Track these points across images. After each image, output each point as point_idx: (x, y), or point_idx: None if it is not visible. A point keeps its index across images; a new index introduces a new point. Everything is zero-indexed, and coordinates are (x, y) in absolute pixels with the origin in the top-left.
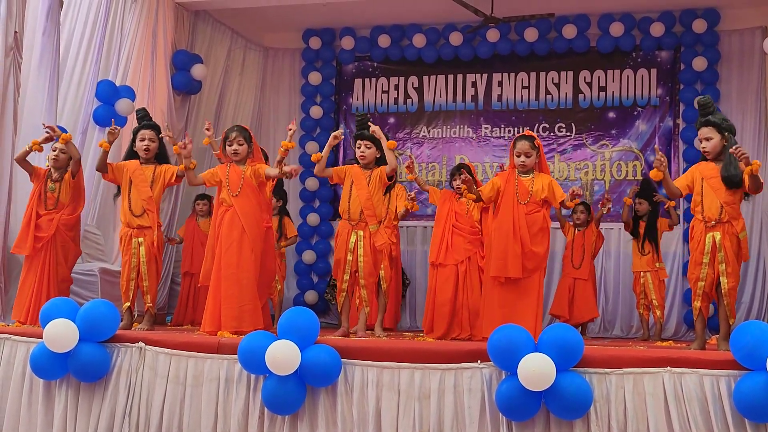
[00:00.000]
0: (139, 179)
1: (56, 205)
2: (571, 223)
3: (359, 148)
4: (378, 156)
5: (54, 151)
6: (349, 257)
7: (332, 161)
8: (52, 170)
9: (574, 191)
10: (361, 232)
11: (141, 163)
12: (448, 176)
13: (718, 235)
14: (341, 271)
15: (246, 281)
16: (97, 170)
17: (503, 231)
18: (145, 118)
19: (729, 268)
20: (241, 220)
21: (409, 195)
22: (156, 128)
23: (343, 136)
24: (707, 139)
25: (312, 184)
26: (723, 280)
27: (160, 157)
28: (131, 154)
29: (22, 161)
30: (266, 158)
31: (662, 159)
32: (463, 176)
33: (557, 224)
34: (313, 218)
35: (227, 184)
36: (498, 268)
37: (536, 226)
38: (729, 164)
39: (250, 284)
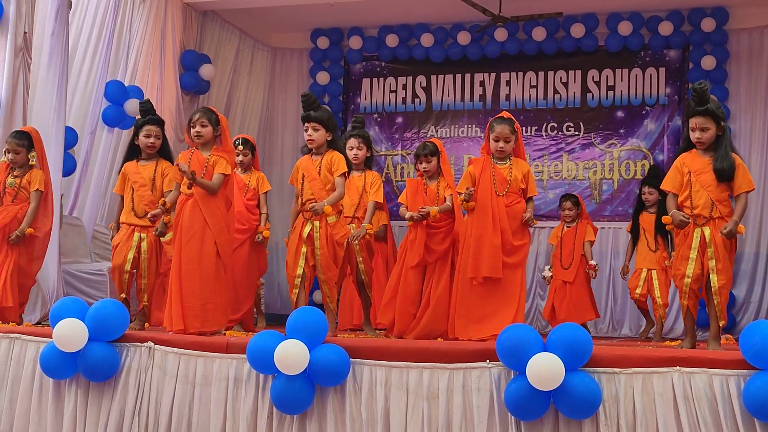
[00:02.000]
0: (139, 184)
1: (14, 199)
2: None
3: (306, 131)
4: (329, 139)
5: (8, 153)
6: (303, 249)
7: None
8: (14, 167)
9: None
10: (317, 223)
11: (140, 159)
12: (413, 160)
13: (707, 231)
14: (293, 264)
15: (207, 277)
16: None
17: (481, 226)
18: (149, 112)
19: (720, 264)
20: (202, 211)
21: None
22: (161, 123)
23: None
24: (703, 130)
25: None
26: (713, 277)
27: (163, 152)
28: (133, 148)
29: None
30: (253, 149)
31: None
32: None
33: (547, 223)
34: None
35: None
36: (475, 268)
37: (518, 220)
38: (724, 156)
39: (212, 280)
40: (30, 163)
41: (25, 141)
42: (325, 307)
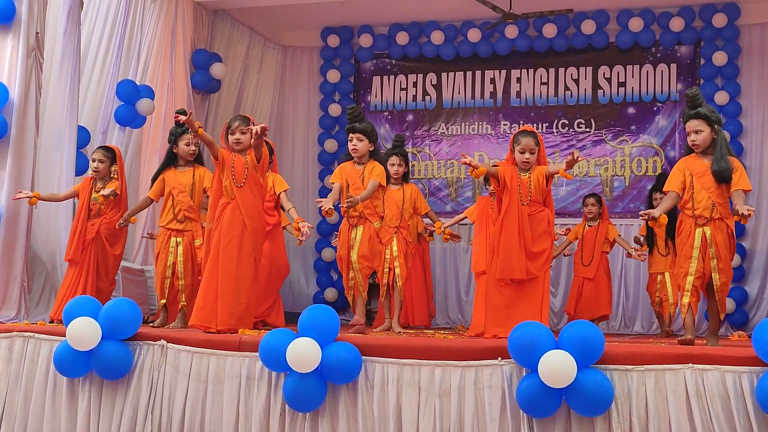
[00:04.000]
0: (178, 190)
1: (98, 213)
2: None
3: (351, 141)
4: (371, 149)
5: (93, 162)
6: (353, 254)
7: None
8: (97, 180)
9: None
10: (360, 228)
11: (178, 166)
12: (483, 181)
13: (708, 231)
14: (345, 268)
15: (244, 278)
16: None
17: (508, 232)
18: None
19: (721, 263)
20: (242, 213)
21: (448, 232)
22: None
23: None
24: (696, 132)
25: None
26: (715, 276)
27: (197, 158)
28: (171, 156)
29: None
30: (271, 152)
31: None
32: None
33: (558, 220)
34: None
35: (233, 173)
36: (503, 270)
37: (540, 227)
38: (720, 158)
39: (248, 281)
40: (111, 176)
41: (110, 154)
42: (357, 299)
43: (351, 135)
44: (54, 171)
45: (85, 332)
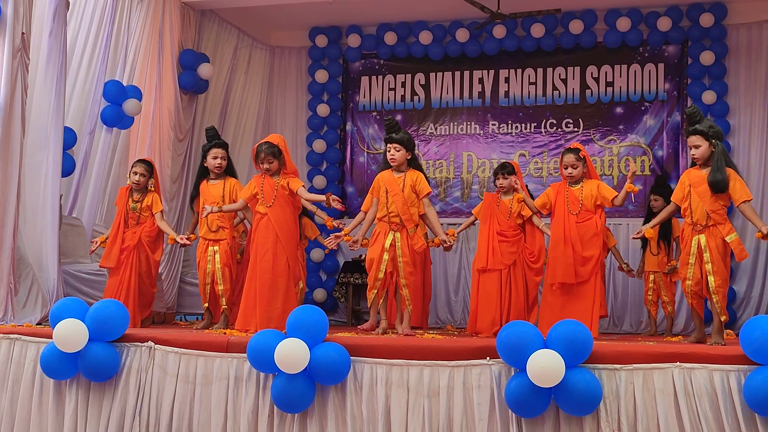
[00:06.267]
0: (210, 201)
1: (138, 221)
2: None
3: (389, 151)
4: (409, 158)
5: (135, 175)
6: (385, 256)
7: (339, 159)
8: (134, 191)
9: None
10: (398, 234)
11: (210, 179)
12: (492, 176)
13: (703, 238)
14: (375, 269)
15: (280, 285)
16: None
17: (556, 240)
18: (216, 137)
19: (715, 267)
20: (275, 228)
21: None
22: (226, 146)
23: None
24: (696, 147)
25: (320, 182)
26: (710, 278)
27: (229, 171)
28: (203, 171)
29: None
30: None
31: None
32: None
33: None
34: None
35: (262, 196)
36: (551, 276)
37: (589, 232)
38: (716, 170)
39: (283, 288)
40: (149, 189)
41: (150, 168)
42: (403, 310)
43: (389, 145)
44: (40, 172)
45: (71, 334)
